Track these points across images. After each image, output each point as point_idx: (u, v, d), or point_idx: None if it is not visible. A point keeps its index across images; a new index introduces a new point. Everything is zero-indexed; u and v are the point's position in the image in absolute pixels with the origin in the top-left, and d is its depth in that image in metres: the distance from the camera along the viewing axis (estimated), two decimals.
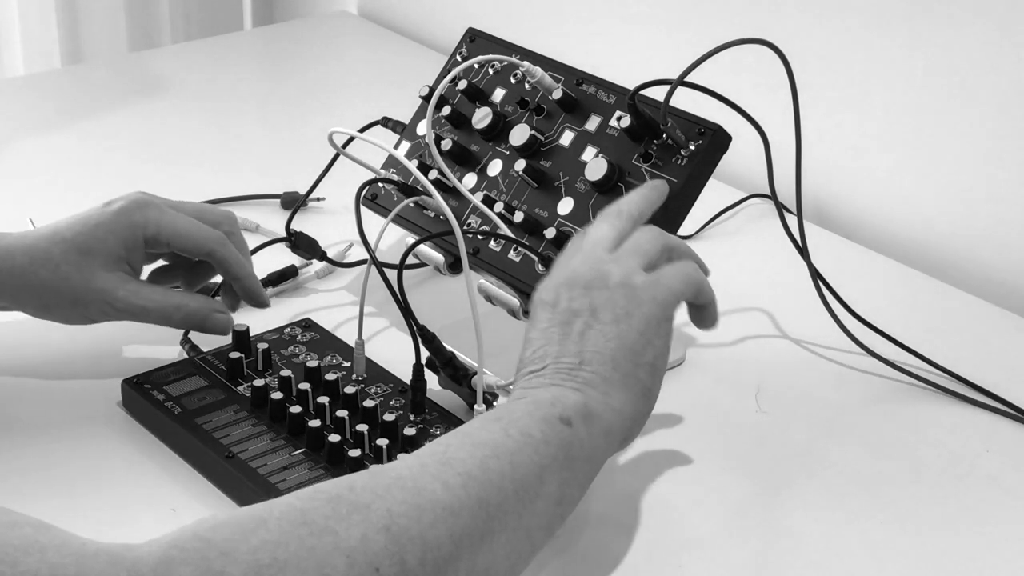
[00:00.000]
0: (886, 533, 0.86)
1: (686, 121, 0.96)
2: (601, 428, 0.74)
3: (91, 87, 1.54)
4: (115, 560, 0.55)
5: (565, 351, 0.77)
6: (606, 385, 0.76)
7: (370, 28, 1.72)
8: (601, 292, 0.79)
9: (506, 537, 0.66)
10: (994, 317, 1.11)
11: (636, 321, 0.78)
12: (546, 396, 0.74)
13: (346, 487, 0.62)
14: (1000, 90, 1.14)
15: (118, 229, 0.93)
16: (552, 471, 0.70)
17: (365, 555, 0.58)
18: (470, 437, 0.69)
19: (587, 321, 0.78)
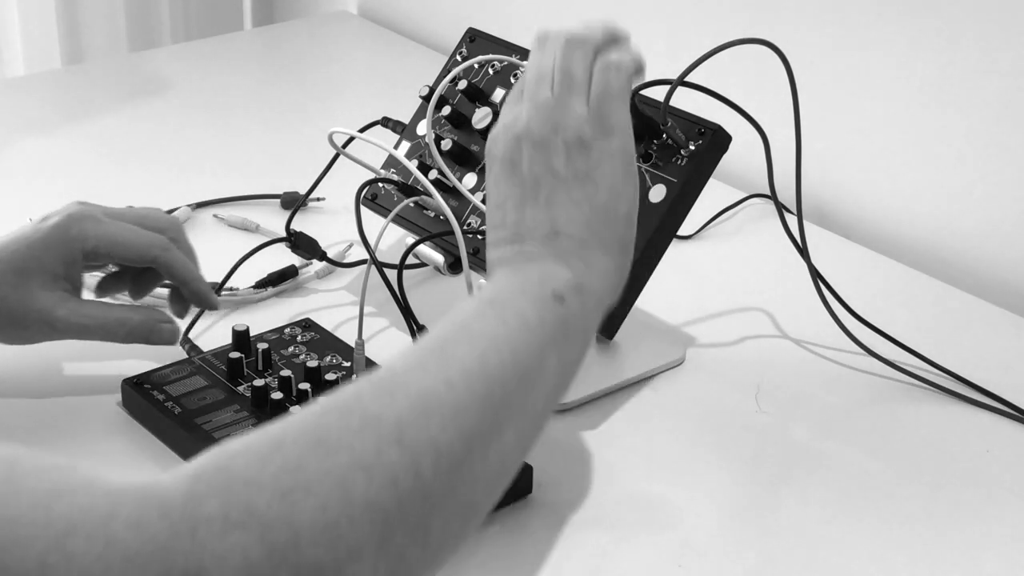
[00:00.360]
0: (886, 533, 0.86)
1: (686, 121, 0.96)
2: (592, 297, 0.75)
3: (91, 87, 1.54)
4: (145, 498, 0.55)
5: (536, 219, 0.76)
6: (586, 252, 0.75)
7: (370, 28, 1.72)
8: (558, 152, 0.77)
9: (514, 426, 0.66)
10: (994, 317, 1.11)
11: (600, 179, 0.77)
12: (533, 274, 0.73)
13: (353, 397, 0.62)
14: (1000, 90, 1.14)
15: (54, 245, 0.91)
16: (551, 351, 0.70)
17: (382, 468, 0.59)
18: (467, 329, 0.68)
19: (551, 186, 0.77)
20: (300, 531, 0.56)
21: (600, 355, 1.00)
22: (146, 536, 0.54)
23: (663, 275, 0.98)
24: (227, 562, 0.54)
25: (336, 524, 0.57)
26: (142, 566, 0.53)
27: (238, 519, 0.55)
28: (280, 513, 0.56)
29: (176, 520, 0.55)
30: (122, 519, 0.54)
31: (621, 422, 0.96)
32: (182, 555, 0.54)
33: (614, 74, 0.79)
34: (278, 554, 0.55)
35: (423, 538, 0.60)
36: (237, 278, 1.07)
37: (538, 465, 0.88)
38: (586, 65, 0.80)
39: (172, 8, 1.87)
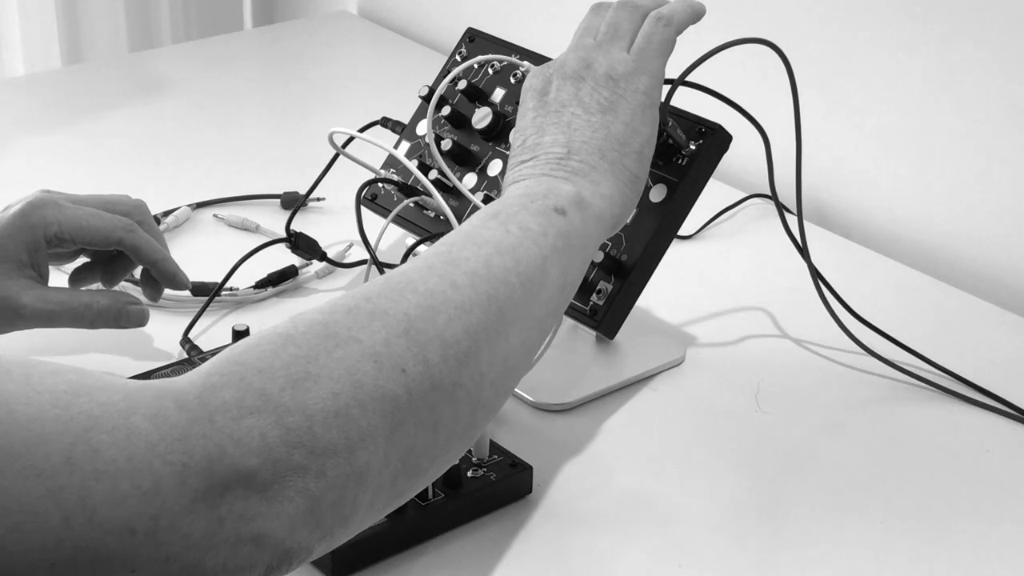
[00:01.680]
0: (886, 533, 0.86)
1: (687, 121, 0.96)
2: (593, 215, 0.78)
3: (91, 87, 1.54)
4: (160, 392, 0.57)
5: (554, 141, 0.81)
6: (595, 174, 0.79)
7: (370, 28, 1.72)
8: (587, 83, 0.83)
9: (518, 327, 0.69)
10: (994, 317, 1.11)
11: (621, 112, 0.82)
12: (539, 188, 0.77)
13: (362, 298, 0.64)
14: (1000, 90, 1.14)
15: (16, 233, 0.91)
16: (553, 260, 0.73)
17: (391, 358, 0.62)
18: (471, 237, 0.71)
19: (574, 111, 0.82)
20: (313, 415, 0.58)
21: (600, 355, 1.00)
22: (166, 426, 0.56)
23: (663, 275, 0.98)
24: (245, 444, 0.56)
25: (347, 409, 0.59)
26: (164, 453, 0.55)
27: (253, 405, 0.57)
28: (293, 398, 0.58)
29: (194, 409, 0.57)
30: (141, 413, 0.56)
31: (621, 422, 0.96)
32: (202, 439, 0.56)
33: (661, 27, 0.85)
34: (293, 436, 0.57)
35: (432, 427, 0.63)
36: (237, 278, 1.07)
37: (538, 465, 0.88)
38: (634, 21, 0.86)
39: (172, 8, 1.87)
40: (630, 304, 0.96)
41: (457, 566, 0.82)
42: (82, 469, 0.53)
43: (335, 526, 0.60)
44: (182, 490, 0.55)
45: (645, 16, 0.86)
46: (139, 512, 0.54)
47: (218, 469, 0.56)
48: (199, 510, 0.55)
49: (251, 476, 0.56)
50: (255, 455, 0.56)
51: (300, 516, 0.58)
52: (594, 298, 0.95)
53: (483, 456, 0.87)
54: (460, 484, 0.84)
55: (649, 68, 0.84)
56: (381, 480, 0.61)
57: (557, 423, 0.95)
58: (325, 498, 0.58)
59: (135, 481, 0.54)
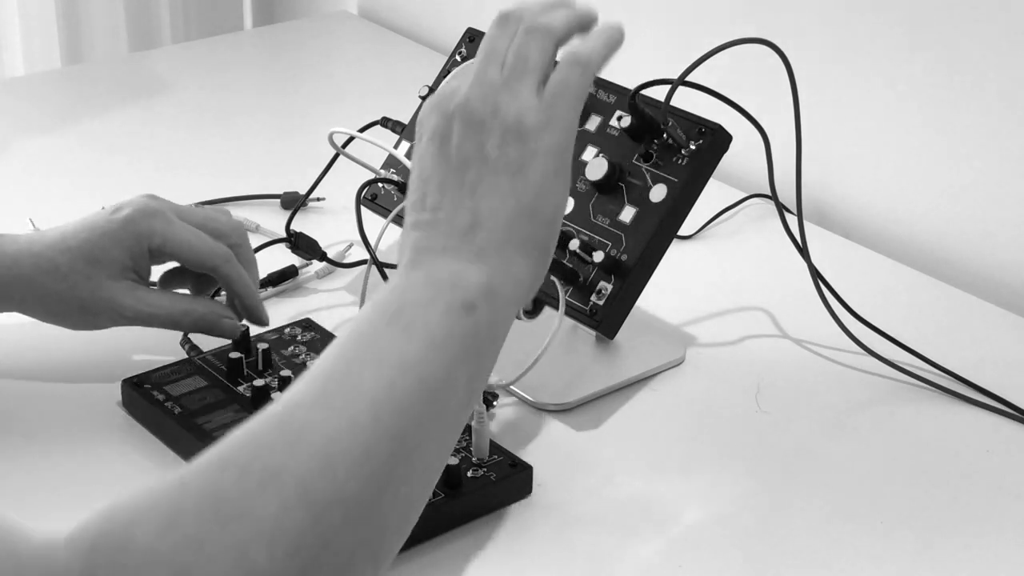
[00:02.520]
0: (886, 533, 0.86)
1: (687, 121, 0.96)
2: (503, 303, 0.70)
3: (91, 87, 1.54)
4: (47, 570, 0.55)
5: (458, 206, 0.71)
6: (504, 251, 0.70)
7: (370, 28, 1.72)
8: (493, 134, 0.72)
9: (424, 452, 0.64)
10: (994, 317, 1.11)
11: (531, 175, 0.71)
12: (444, 274, 0.69)
13: (253, 448, 0.60)
14: (1000, 90, 1.14)
15: (124, 239, 0.93)
16: (459, 368, 0.66)
17: (285, 535, 0.57)
18: (373, 348, 0.65)
19: (479, 171, 0.72)
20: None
21: (600, 355, 1.00)
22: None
23: (663, 275, 0.98)
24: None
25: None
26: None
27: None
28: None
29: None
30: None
31: (621, 422, 0.96)
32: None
33: (579, 71, 0.73)
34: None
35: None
36: None
37: (538, 465, 0.88)
38: (544, 51, 0.74)
39: (172, 8, 1.87)
40: (630, 304, 0.96)
41: (457, 566, 0.82)
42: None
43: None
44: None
45: (557, 44, 0.75)
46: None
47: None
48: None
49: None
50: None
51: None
52: (594, 298, 0.95)
53: (483, 456, 0.87)
54: (460, 484, 0.84)
55: (562, 122, 0.72)
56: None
57: (557, 423, 0.95)
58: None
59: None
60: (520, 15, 0.76)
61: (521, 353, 0.93)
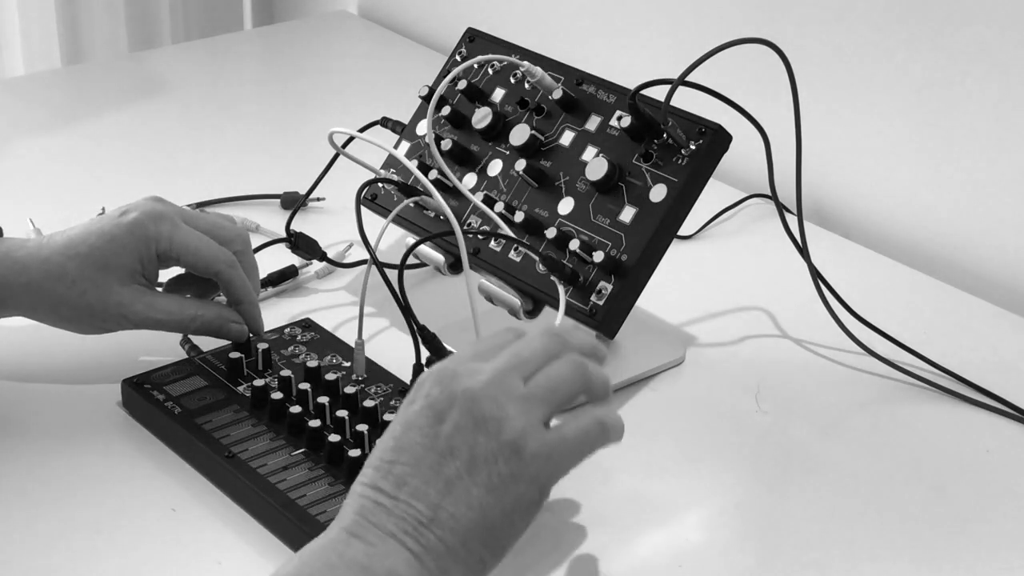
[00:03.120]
0: (886, 533, 0.86)
1: (686, 121, 0.96)
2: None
3: (91, 87, 1.54)
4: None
5: (423, 492, 0.69)
6: (447, 559, 0.69)
7: (370, 28, 1.72)
8: (489, 441, 0.70)
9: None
10: (994, 317, 1.11)
11: (507, 499, 0.70)
12: (381, 568, 0.67)
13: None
14: (1000, 90, 1.14)
15: (132, 243, 0.93)
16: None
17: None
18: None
19: (459, 470, 0.70)
20: None
21: None
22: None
23: (663, 275, 0.98)
24: None
25: None
26: None
27: None
28: None
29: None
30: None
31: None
32: None
33: (601, 434, 0.75)
34: None
35: None
36: None
37: None
38: (573, 393, 0.75)
39: (172, 8, 1.87)
40: (630, 304, 0.96)
41: None
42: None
43: None
44: None
45: (586, 387, 0.75)
46: None
47: None
48: None
49: None
50: None
51: None
52: (594, 298, 0.95)
53: None
54: None
55: (559, 467, 0.72)
56: None
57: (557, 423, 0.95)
58: None
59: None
60: (570, 344, 0.76)
61: None
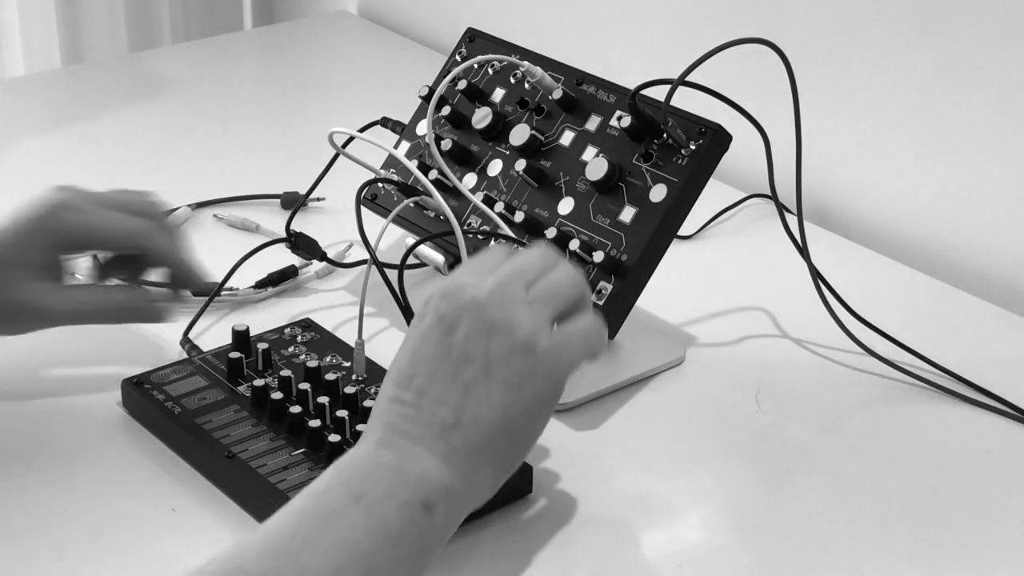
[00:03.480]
0: (886, 533, 0.86)
1: (686, 121, 0.96)
2: (459, 507, 0.71)
3: (91, 87, 1.54)
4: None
5: (444, 399, 0.71)
6: (474, 459, 0.71)
7: (370, 28, 1.72)
8: (502, 343, 0.72)
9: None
10: (994, 317, 1.11)
11: (526, 395, 0.72)
12: (413, 468, 0.69)
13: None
14: (1000, 90, 1.14)
15: (38, 238, 0.90)
16: (403, 565, 0.67)
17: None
18: (327, 531, 0.66)
19: (476, 373, 0.72)
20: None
21: None
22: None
23: (663, 275, 0.98)
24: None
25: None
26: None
27: None
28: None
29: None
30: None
31: (621, 422, 0.96)
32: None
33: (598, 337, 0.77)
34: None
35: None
36: (237, 278, 1.07)
37: (538, 465, 0.88)
38: (572, 296, 0.77)
39: (172, 8, 1.87)
40: (630, 304, 0.96)
41: (457, 566, 0.82)
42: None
43: None
44: None
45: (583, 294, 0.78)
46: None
47: None
48: None
49: None
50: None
51: None
52: (594, 298, 0.95)
53: None
54: None
55: (571, 363, 0.75)
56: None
57: (557, 423, 0.95)
58: None
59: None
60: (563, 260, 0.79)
61: None
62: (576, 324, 0.77)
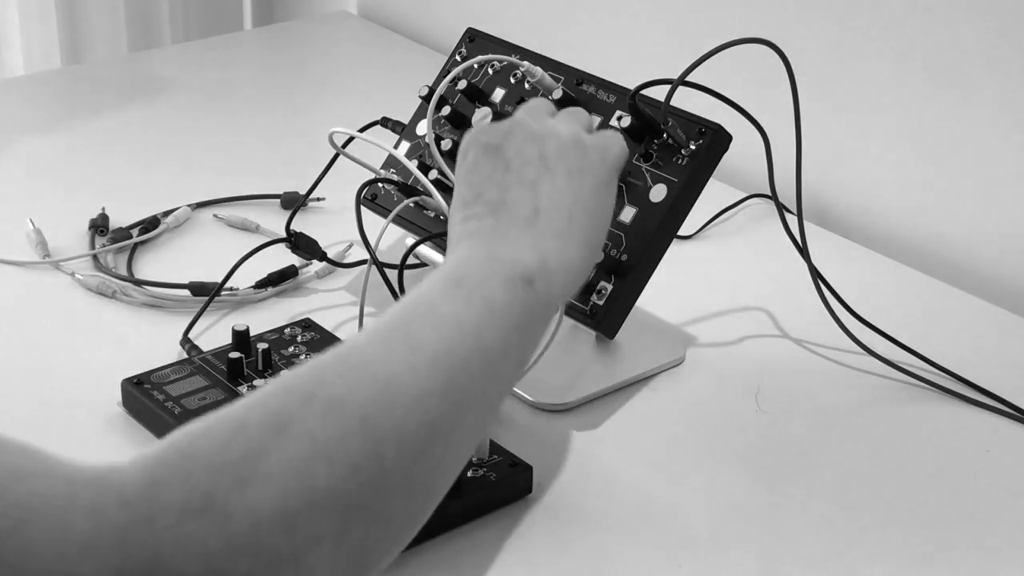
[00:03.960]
0: (886, 533, 0.86)
1: (687, 121, 0.96)
2: (559, 283, 0.74)
3: (91, 87, 1.54)
4: (104, 486, 0.55)
5: (519, 199, 0.76)
6: (560, 239, 0.75)
7: (370, 28, 1.72)
8: (552, 144, 0.78)
9: (475, 412, 0.66)
10: (994, 317, 1.11)
11: (589, 179, 0.78)
12: (505, 252, 0.72)
13: (318, 381, 0.61)
14: (1000, 90, 1.14)
15: None
16: (515, 337, 0.69)
17: (345, 456, 0.58)
18: (432, 311, 0.67)
19: (539, 170, 0.77)
20: (260, 520, 0.55)
21: (600, 355, 1.00)
22: (103, 524, 0.53)
23: (663, 275, 0.98)
24: (185, 550, 0.53)
25: (296, 514, 0.56)
26: (99, 556, 0.52)
27: (198, 507, 0.54)
28: (240, 501, 0.55)
29: (134, 508, 0.54)
30: (80, 507, 0.53)
31: (621, 422, 0.96)
32: (139, 544, 0.53)
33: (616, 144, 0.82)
34: (237, 542, 0.54)
35: (383, 524, 0.60)
36: (237, 278, 1.07)
37: (538, 465, 0.88)
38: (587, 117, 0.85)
39: (172, 8, 1.87)
40: (630, 304, 0.96)
41: (457, 566, 0.82)
42: (9, 564, 0.51)
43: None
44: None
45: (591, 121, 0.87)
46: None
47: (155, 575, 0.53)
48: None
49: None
50: (196, 560, 0.53)
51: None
52: (594, 298, 0.95)
53: (483, 456, 0.87)
54: (460, 484, 0.84)
55: (619, 155, 0.81)
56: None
57: (557, 423, 0.95)
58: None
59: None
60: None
61: None
62: (605, 131, 0.84)
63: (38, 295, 1.09)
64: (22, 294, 1.09)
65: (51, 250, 1.14)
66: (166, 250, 1.16)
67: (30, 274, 1.12)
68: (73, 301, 1.08)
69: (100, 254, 1.13)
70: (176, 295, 1.07)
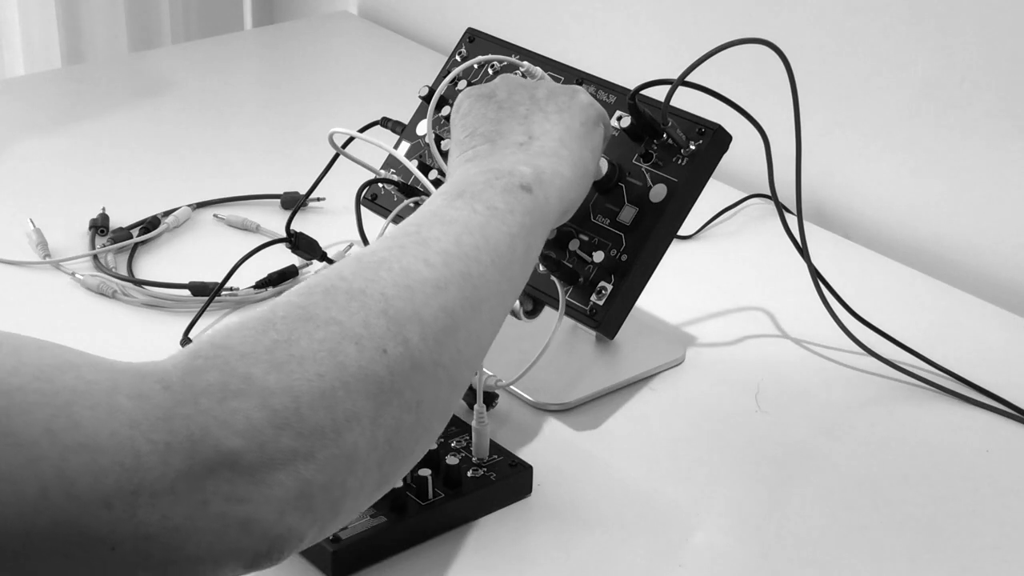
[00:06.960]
0: (886, 533, 0.86)
1: (686, 121, 0.96)
2: (555, 192, 0.79)
3: (91, 87, 1.54)
4: (145, 373, 0.57)
5: (512, 130, 0.82)
6: (553, 158, 0.81)
7: (370, 28, 1.72)
8: (541, 88, 0.86)
9: (490, 304, 0.70)
10: (994, 317, 1.11)
11: (577, 112, 0.84)
12: (502, 166, 0.78)
13: (337, 277, 0.64)
14: (1000, 90, 1.14)
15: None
16: (520, 237, 0.74)
17: (371, 339, 0.62)
18: (439, 216, 0.72)
19: (530, 108, 0.84)
20: (300, 396, 0.58)
21: (600, 355, 1.00)
22: (150, 405, 0.55)
23: (663, 275, 0.98)
24: (230, 425, 0.56)
25: (332, 391, 0.59)
26: (147, 431, 0.54)
27: (237, 388, 0.57)
28: (279, 381, 0.58)
29: (178, 391, 0.56)
30: (125, 392, 0.55)
31: (621, 422, 0.96)
32: (185, 420, 0.55)
33: (592, 106, 0.87)
34: (280, 417, 0.57)
35: (415, 408, 0.63)
36: (237, 278, 1.07)
37: (538, 465, 0.88)
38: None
39: (172, 8, 1.87)
40: (630, 304, 0.96)
41: (457, 566, 0.82)
42: (62, 441, 0.52)
43: (325, 511, 0.59)
44: (164, 469, 0.54)
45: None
46: (117, 487, 0.53)
47: (201, 449, 0.55)
48: (180, 491, 0.54)
49: (236, 458, 0.56)
50: (240, 436, 0.56)
51: (290, 500, 0.57)
52: (594, 298, 0.95)
53: (483, 456, 0.87)
54: (460, 484, 0.84)
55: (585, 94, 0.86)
56: (368, 463, 0.61)
57: (557, 423, 0.95)
58: (315, 481, 0.58)
59: (115, 457, 0.53)
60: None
61: (521, 353, 0.94)
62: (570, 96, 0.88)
63: (38, 295, 1.09)
64: (22, 294, 1.09)
65: (51, 250, 1.14)
66: (166, 250, 1.16)
67: (30, 274, 1.12)
68: (73, 301, 1.08)
69: (100, 254, 1.13)
70: (176, 295, 1.07)
